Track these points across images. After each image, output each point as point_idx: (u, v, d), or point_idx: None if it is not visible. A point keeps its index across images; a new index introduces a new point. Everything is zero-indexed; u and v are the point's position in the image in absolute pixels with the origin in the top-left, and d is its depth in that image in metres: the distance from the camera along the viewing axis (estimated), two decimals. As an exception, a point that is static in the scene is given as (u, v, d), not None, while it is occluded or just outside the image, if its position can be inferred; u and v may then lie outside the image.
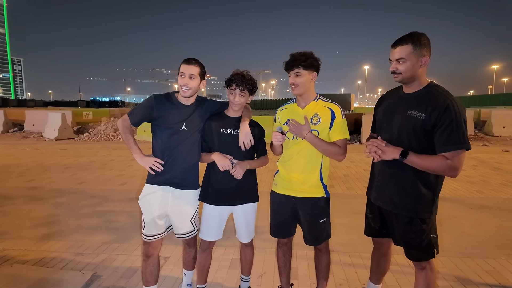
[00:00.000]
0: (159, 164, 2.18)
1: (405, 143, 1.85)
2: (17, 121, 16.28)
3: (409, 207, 1.87)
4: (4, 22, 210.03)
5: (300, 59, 2.05)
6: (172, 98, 2.25)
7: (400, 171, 1.88)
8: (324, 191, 2.19)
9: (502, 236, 3.70)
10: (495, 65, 75.51)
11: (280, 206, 2.26)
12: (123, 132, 2.26)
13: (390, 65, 1.89)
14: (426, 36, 1.82)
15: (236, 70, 2.22)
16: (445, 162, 1.72)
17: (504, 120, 13.31)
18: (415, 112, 1.81)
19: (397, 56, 1.83)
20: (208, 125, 2.26)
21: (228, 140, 2.22)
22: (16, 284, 2.64)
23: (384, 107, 2.08)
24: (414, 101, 1.85)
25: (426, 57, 1.81)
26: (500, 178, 6.35)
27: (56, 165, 7.73)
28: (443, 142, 1.72)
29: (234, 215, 2.35)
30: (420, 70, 1.83)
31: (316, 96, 2.18)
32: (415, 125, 1.80)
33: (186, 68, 2.14)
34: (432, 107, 1.75)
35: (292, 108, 2.23)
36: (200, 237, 2.34)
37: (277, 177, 2.30)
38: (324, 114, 2.11)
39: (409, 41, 1.80)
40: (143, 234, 2.25)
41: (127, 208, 4.68)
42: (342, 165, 7.63)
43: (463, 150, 1.71)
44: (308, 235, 2.24)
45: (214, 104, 2.35)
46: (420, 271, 1.97)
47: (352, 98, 46.32)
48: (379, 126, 2.07)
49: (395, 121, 1.91)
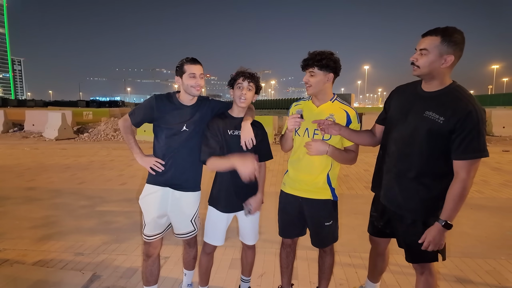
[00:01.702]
0: (159, 164, 2.17)
1: (416, 145, 1.77)
2: (17, 121, 16.26)
3: (413, 209, 1.84)
4: (4, 22, 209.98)
5: (315, 58, 1.99)
6: (173, 98, 2.22)
7: (407, 173, 1.83)
8: (331, 194, 2.15)
9: (502, 236, 3.70)
10: (495, 65, 75.53)
11: (288, 205, 2.24)
12: (124, 132, 2.26)
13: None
14: (462, 34, 1.66)
15: (240, 68, 2.17)
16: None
17: (504, 120, 13.29)
18: (433, 114, 1.70)
19: (422, 46, 1.70)
20: (214, 127, 2.17)
21: (236, 142, 2.14)
22: (16, 284, 2.64)
23: (398, 102, 1.94)
24: (433, 102, 1.73)
25: (451, 56, 1.66)
26: (500, 178, 6.36)
27: (56, 165, 7.73)
28: (462, 150, 1.64)
29: (240, 218, 2.32)
30: (442, 69, 1.69)
31: (333, 96, 2.14)
32: (431, 128, 1.70)
33: (196, 69, 2.12)
34: (453, 111, 1.64)
35: (307, 105, 2.19)
36: (205, 240, 2.32)
37: (286, 176, 2.28)
38: (339, 116, 2.08)
39: (439, 33, 1.65)
40: (144, 234, 2.24)
41: (127, 208, 4.68)
42: (342, 165, 7.61)
43: (480, 158, 1.65)
44: (314, 237, 2.23)
45: (215, 103, 2.30)
46: (420, 275, 1.93)
47: (352, 98, 46.31)
48: (392, 123, 1.94)
49: (410, 120, 1.80)
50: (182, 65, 2.14)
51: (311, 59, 2.01)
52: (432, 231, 1.76)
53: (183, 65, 2.14)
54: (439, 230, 1.74)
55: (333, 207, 2.18)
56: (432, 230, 1.76)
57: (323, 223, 2.16)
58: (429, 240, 1.76)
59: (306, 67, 2.04)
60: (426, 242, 1.77)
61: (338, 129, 1.99)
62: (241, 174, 1.91)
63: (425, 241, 1.78)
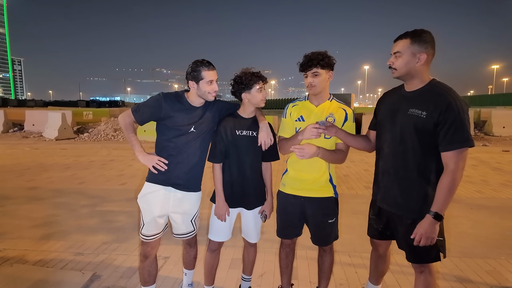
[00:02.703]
0: (162, 164, 2.13)
1: (408, 143, 1.83)
2: (17, 121, 16.27)
3: (414, 209, 1.84)
4: (4, 22, 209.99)
5: (318, 58, 2.04)
6: (182, 98, 2.17)
7: (404, 172, 1.85)
8: (333, 191, 2.18)
9: (502, 236, 3.70)
10: (495, 65, 75.50)
11: (289, 206, 2.24)
12: (126, 129, 2.19)
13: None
14: (430, 33, 1.78)
15: (246, 69, 2.16)
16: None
17: (504, 120, 13.30)
18: (416, 111, 1.78)
19: (395, 49, 1.82)
20: (223, 127, 2.19)
21: (245, 143, 2.17)
22: (16, 284, 2.64)
23: (385, 106, 2.04)
24: (415, 99, 1.82)
25: (423, 54, 1.76)
26: (500, 178, 6.35)
27: (56, 165, 7.73)
28: (447, 141, 1.70)
29: (244, 216, 2.33)
30: (418, 67, 1.79)
31: (330, 96, 2.18)
32: (416, 123, 1.77)
33: (214, 75, 2.08)
34: (434, 105, 1.73)
35: (305, 105, 2.20)
36: (209, 238, 2.32)
37: (285, 177, 2.28)
38: (338, 115, 2.12)
39: (408, 36, 1.78)
40: (142, 234, 2.21)
41: (127, 208, 4.68)
42: (342, 165, 7.63)
43: (466, 148, 1.70)
44: (316, 235, 2.24)
45: (223, 105, 2.29)
46: (419, 274, 1.94)
47: (352, 98, 46.18)
48: (382, 126, 2.02)
49: (398, 120, 1.88)
50: (200, 71, 2.06)
51: (315, 59, 2.04)
52: (423, 224, 1.77)
53: (200, 71, 2.06)
54: (430, 222, 1.76)
55: (335, 204, 2.21)
56: (423, 223, 1.77)
57: (327, 220, 2.18)
58: (420, 233, 1.78)
59: (309, 68, 2.06)
60: (418, 235, 1.79)
61: (334, 131, 2.02)
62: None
63: (417, 234, 1.79)
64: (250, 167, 2.21)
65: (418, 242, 1.79)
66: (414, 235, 1.80)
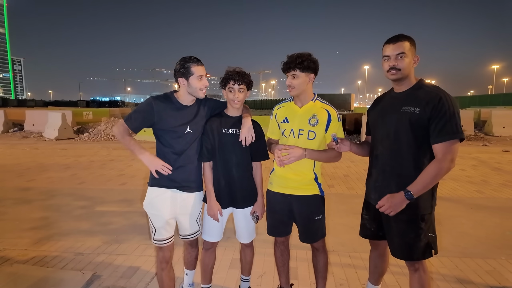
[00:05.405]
0: (167, 169, 2.09)
1: (403, 140, 1.87)
2: (17, 121, 16.27)
3: (410, 205, 1.86)
4: (4, 22, 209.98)
5: (297, 61, 2.05)
6: (171, 99, 2.15)
7: (401, 168, 1.89)
8: (319, 189, 2.21)
9: (502, 236, 3.70)
10: (495, 65, 75.44)
11: (276, 204, 2.27)
12: (121, 137, 2.12)
13: (386, 63, 1.90)
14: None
15: (229, 68, 2.17)
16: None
17: (504, 120, 13.30)
18: (409, 108, 1.85)
19: (398, 50, 1.85)
20: (210, 125, 2.21)
21: (231, 140, 2.19)
22: (16, 284, 2.64)
23: (377, 109, 2.10)
24: (407, 98, 1.89)
25: (417, 56, 1.90)
26: (500, 178, 6.35)
27: (56, 165, 7.73)
28: (437, 133, 1.76)
29: (235, 216, 2.35)
30: (412, 69, 1.91)
31: (314, 96, 2.20)
32: (411, 119, 1.83)
33: (202, 70, 2.08)
34: (426, 100, 1.80)
35: (290, 107, 2.23)
36: (202, 237, 2.34)
37: (272, 175, 2.30)
38: (321, 116, 2.14)
39: (405, 39, 1.87)
40: (155, 240, 2.16)
41: (127, 208, 4.68)
42: (342, 165, 7.63)
43: (456, 140, 1.75)
44: (304, 233, 2.26)
45: (214, 103, 2.30)
46: (414, 272, 1.97)
47: (352, 98, 46.29)
48: (374, 125, 2.09)
49: (391, 118, 1.93)
50: (189, 67, 2.05)
51: (293, 62, 2.06)
52: (395, 198, 1.83)
53: (189, 67, 2.05)
54: (401, 199, 1.81)
55: (321, 202, 2.24)
56: (396, 197, 1.83)
57: (313, 217, 2.20)
58: (389, 204, 1.84)
59: (288, 70, 2.09)
60: (386, 205, 1.85)
61: (348, 146, 2.08)
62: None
63: (385, 204, 1.85)
64: (236, 165, 2.22)
65: (383, 210, 1.87)
66: (383, 202, 1.87)
